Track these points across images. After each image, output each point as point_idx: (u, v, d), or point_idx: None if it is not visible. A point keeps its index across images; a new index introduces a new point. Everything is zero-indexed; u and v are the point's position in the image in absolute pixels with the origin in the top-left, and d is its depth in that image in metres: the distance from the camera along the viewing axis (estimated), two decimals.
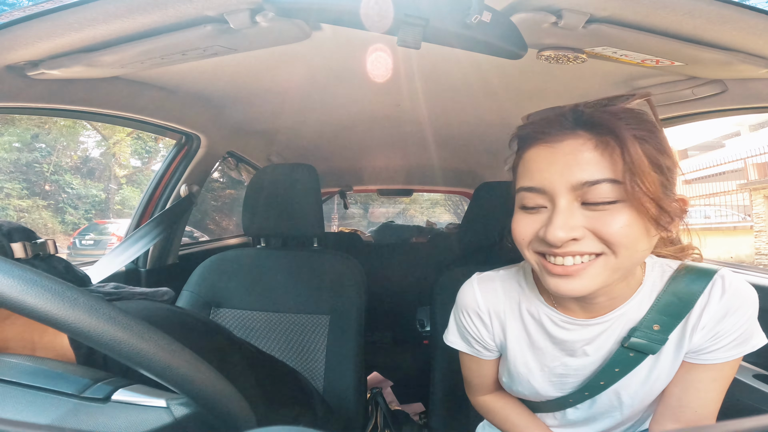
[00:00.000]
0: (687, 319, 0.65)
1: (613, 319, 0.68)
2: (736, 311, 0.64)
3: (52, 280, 0.40)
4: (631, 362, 0.68)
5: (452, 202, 8.98)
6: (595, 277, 0.59)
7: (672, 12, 0.73)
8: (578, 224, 0.57)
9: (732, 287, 0.64)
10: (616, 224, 0.56)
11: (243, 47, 0.91)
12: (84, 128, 9.12)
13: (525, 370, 0.77)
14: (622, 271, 0.60)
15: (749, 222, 8.76)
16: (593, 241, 0.58)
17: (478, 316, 0.79)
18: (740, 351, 0.65)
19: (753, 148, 9.79)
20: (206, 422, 0.46)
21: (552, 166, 0.59)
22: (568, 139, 0.58)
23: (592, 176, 0.56)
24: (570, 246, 0.58)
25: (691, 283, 0.66)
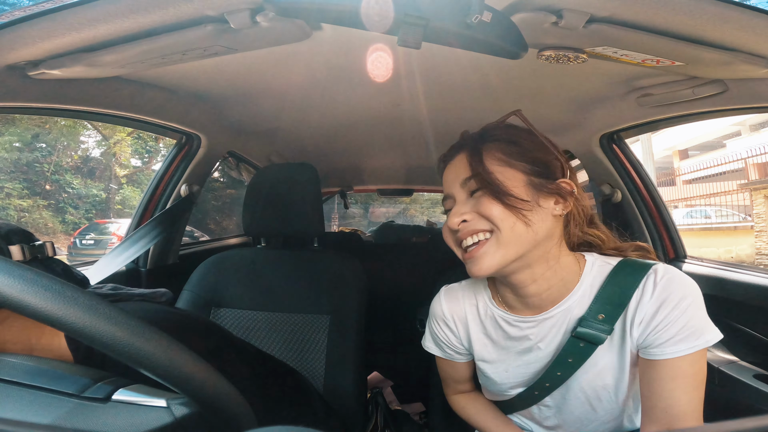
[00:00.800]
0: (625, 312, 0.72)
1: (557, 314, 0.77)
2: (669, 303, 0.69)
3: (52, 279, 0.40)
4: (583, 352, 0.75)
5: None
6: (494, 254, 0.72)
7: (672, 12, 0.73)
8: (467, 210, 0.74)
9: (664, 280, 0.70)
10: (489, 205, 0.72)
11: (243, 47, 0.91)
12: (84, 128, 9.13)
13: (491, 368, 0.87)
14: (514, 244, 0.72)
15: (749, 222, 8.77)
16: (481, 219, 0.73)
17: (445, 322, 0.91)
18: (691, 346, 0.68)
19: (753, 148, 9.79)
20: (206, 422, 0.46)
21: (449, 175, 0.80)
22: (457, 156, 0.80)
23: (466, 174, 0.76)
24: (465, 227, 0.74)
25: (628, 275, 0.73)
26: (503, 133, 0.78)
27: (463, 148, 0.79)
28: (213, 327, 0.84)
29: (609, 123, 1.50)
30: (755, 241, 8.24)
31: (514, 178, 0.73)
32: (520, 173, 0.73)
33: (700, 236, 9.31)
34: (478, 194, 0.74)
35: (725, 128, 13.49)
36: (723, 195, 9.84)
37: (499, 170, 0.73)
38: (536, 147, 0.77)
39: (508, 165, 0.74)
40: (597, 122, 1.52)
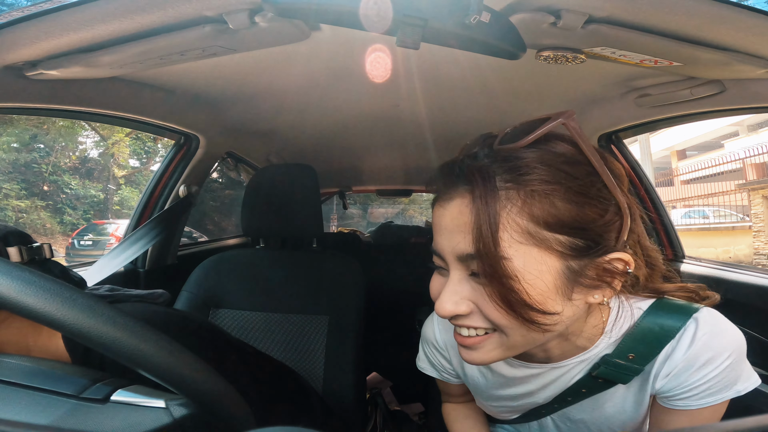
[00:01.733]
0: (660, 361, 0.59)
1: (573, 363, 0.63)
2: (704, 364, 0.56)
3: (50, 280, 0.40)
4: (600, 387, 0.64)
5: None
6: (491, 352, 0.54)
7: (671, 12, 0.73)
8: (465, 297, 0.52)
9: (706, 336, 0.56)
10: (496, 311, 0.49)
11: (242, 48, 0.90)
12: (83, 128, 9.12)
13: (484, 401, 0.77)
14: (521, 347, 0.54)
15: (747, 222, 8.78)
16: (480, 318, 0.52)
17: (437, 350, 0.79)
18: (719, 398, 0.57)
19: (751, 149, 9.81)
20: (205, 423, 0.46)
21: (442, 231, 0.52)
22: (456, 198, 0.51)
23: (467, 248, 0.49)
24: (460, 320, 0.53)
25: (665, 318, 0.58)
26: (538, 173, 0.47)
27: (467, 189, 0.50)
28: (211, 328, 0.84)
29: (607, 123, 1.50)
30: (753, 241, 8.25)
31: (543, 265, 0.48)
32: (554, 257, 0.48)
33: (699, 236, 9.32)
34: (482, 281, 0.50)
35: (723, 128, 13.52)
36: (721, 195, 9.85)
37: (522, 252, 0.47)
38: (586, 198, 0.48)
39: (536, 242, 0.47)
40: (595, 122, 1.52)
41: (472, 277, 0.51)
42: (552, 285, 0.48)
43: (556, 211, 0.47)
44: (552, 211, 0.47)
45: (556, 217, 0.47)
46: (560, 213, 0.47)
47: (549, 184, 0.47)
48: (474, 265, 0.49)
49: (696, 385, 0.57)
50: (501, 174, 0.48)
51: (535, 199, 0.47)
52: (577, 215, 0.47)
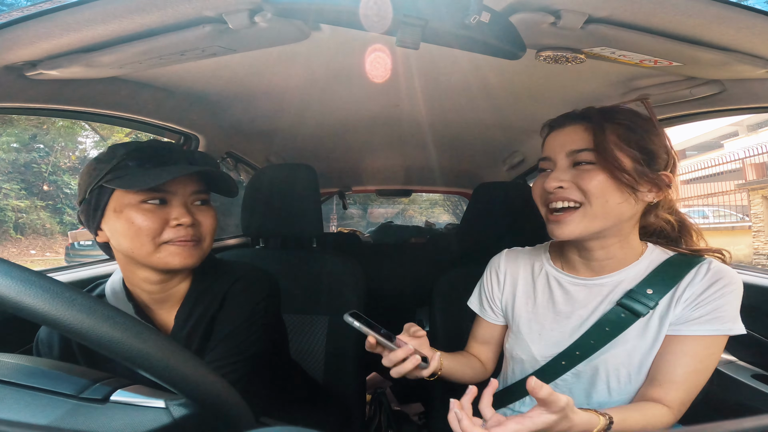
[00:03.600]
0: (674, 291, 0.79)
1: (609, 282, 0.84)
2: (714, 284, 0.76)
3: (50, 280, 0.40)
4: (622, 323, 0.80)
5: (451, 203, 8.99)
6: (578, 223, 0.78)
7: (670, 12, 0.73)
8: (566, 178, 0.79)
9: (716, 268, 0.78)
10: (591, 180, 0.77)
11: (242, 47, 0.91)
12: (82, 128, 9.11)
13: (526, 328, 0.91)
14: (600, 219, 0.78)
15: (747, 222, 8.78)
16: (576, 191, 0.78)
17: (496, 274, 0.99)
18: (713, 328, 0.75)
19: (751, 148, 9.81)
20: (205, 423, 0.46)
21: (557, 141, 0.83)
22: (569, 126, 0.83)
23: (578, 146, 0.79)
24: (559, 192, 0.80)
25: (683, 262, 0.81)
26: (625, 118, 0.80)
27: (584, 120, 0.81)
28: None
29: None
30: (753, 241, 8.25)
31: (622, 164, 0.76)
32: (629, 159, 0.77)
33: None
34: (585, 167, 0.78)
35: (723, 128, 13.52)
36: (721, 195, 9.85)
37: (611, 153, 0.77)
38: (650, 137, 0.79)
39: (620, 150, 0.77)
40: None
41: (574, 167, 0.80)
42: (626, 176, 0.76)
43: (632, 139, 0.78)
44: (630, 136, 0.78)
45: (633, 141, 0.77)
46: (635, 141, 0.78)
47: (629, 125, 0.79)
48: (583, 156, 0.78)
49: (705, 302, 0.76)
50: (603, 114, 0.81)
51: (621, 129, 0.78)
52: (644, 142, 0.78)
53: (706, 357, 0.76)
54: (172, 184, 0.77)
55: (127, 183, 0.73)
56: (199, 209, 0.81)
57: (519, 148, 2.19)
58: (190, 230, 0.78)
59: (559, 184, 0.79)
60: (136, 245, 0.74)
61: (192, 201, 0.81)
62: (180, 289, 0.84)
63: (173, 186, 0.77)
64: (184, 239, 0.77)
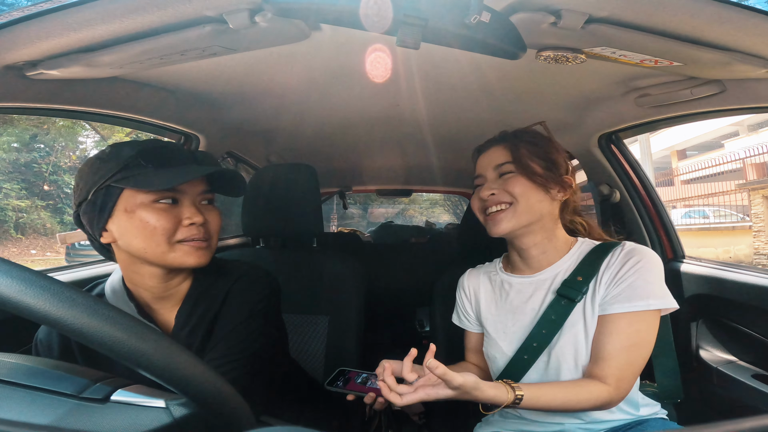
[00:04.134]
0: (597, 275, 0.91)
1: (548, 276, 0.98)
2: (627, 263, 0.89)
3: (51, 280, 0.40)
4: (564, 310, 0.92)
5: (451, 203, 9.00)
6: (510, 219, 0.95)
7: (671, 12, 0.73)
8: (496, 186, 0.97)
9: (629, 248, 0.92)
10: (515, 184, 0.95)
11: (242, 47, 0.91)
12: (83, 128, 9.10)
13: (492, 326, 1.04)
14: (526, 214, 0.94)
15: (748, 222, 8.78)
16: (505, 194, 0.96)
17: (464, 291, 1.13)
18: (631, 305, 0.85)
19: (751, 148, 9.80)
20: (205, 423, 0.46)
21: (484, 161, 1.03)
22: (493, 147, 1.03)
23: (501, 161, 0.99)
24: (492, 198, 0.97)
25: (603, 248, 0.95)
26: (531, 137, 1.01)
27: (502, 142, 1.01)
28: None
29: (607, 123, 1.50)
30: (753, 241, 8.25)
31: (534, 170, 0.96)
32: (539, 166, 0.96)
33: (699, 236, 9.31)
34: (508, 176, 0.97)
35: (723, 128, 13.51)
36: (721, 195, 9.85)
37: (525, 163, 0.96)
38: (552, 149, 1.00)
39: (531, 159, 0.97)
40: (595, 122, 1.52)
41: (501, 176, 0.98)
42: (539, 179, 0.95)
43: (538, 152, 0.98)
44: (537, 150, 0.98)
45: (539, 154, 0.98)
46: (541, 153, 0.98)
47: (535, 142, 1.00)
48: (505, 168, 0.97)
49: (619, 281, 0.88)
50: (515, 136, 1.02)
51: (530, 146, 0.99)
52: (549, 155, 0.99)
53: (633, 333, 0.85)
54: (182, 184, 0.78)
55: (143, 183, 0.74)
56: (206, 208, 0.83)
57: None
58: (202, 229, 0.80)
59: (492, 192, 0.97)
60: (151, 245, 0.75)
61: (199, 201, 0.82)
62: (181, 288, 0.85)
63: (184, 186, 0.79)
64: (197, 238, 0.79)
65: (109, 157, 0.76)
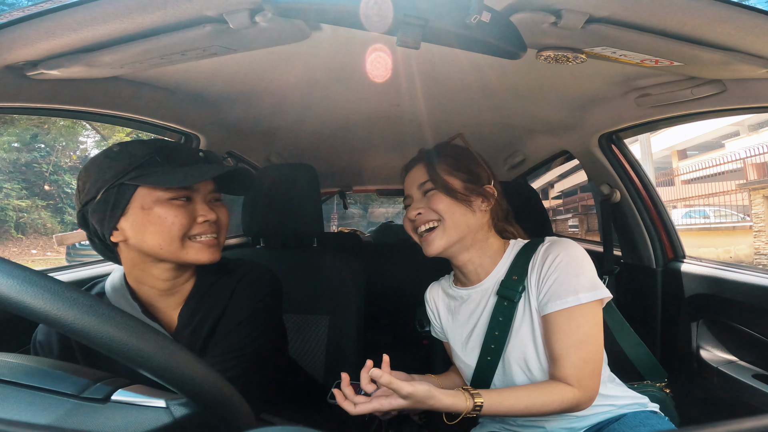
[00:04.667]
0: (528, 275, 0.93)
1: (488, 284, 1.00)
2: (546, 260, 0.90)
3: (51, 279, 0.40)
4: (507, 310, 0.94)
5: None
6: (441, 238, 0.96)
7: (671, 12, 0.73)
8: (421, 205, 0.98)
9: (547, 244, 0.94)
10: (438, 202, 0.96)
11: (242, 47, 0.91)
12: (83, 128, 9.10)
13: (454, 340, 1.06)
14: (454, 230, 0.95)
15: (748, 222, 8.77)
16: (431, 212, 0.96)
17: (428, 305, 1.17)
18: (563, 301, 0.85)
19: (752, 148, 9.80)
20: (206, 422, 0.46)
21: (409, 180, 1.04)
22: (415, 167, 1.03)
23: (422, 180, 1.00)
24: (420, 218, 0.98)
25: (529, 248, 0.97)
26: (449, 151, 1.03)
27: (421, 161, 1.02)
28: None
29: (608, 123, 1.50)
30: (754, 241, 8.25)
31: (455, 183, 0.97)
32: (459, 180, 0.98)
33: (699, 236, 9.30)
34: (430, 194, 0.98)
35: (724, 128, 13.50)
36: (722, 195, 9.84)
37: (445, 177, 0.97)
38: (471, 162, 1.02)
39: (451, 174, 0.98)
40: (596, 122, 1.52)
41: (425, 195, 0.99)
42: (461, 190, 0.96)
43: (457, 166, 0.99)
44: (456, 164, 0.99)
45: (458, 167, 0.99)
46: (460, 167, 0.99)
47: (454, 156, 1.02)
48: (426, 186, 0.98)
49: (544, 280, 0.89)
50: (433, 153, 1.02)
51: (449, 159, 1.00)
52: (468, 168, 1.00)
53: (575, 330, 0.84)
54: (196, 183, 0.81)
55: (163, 180, 0.75)
56: (215, 206, 0.85)
57: (520, 148, 2.19)
58: (214, 226, 0.82)
59: (418, 211, 0.98)
60: (166, 241, 0.77)
61: (210, 199, 0.84)
62: (186, 287, 0.86)
63: (197, 184, 0.81)
64: (210, 234, 0.81)
65: (118, 155, 0.77)
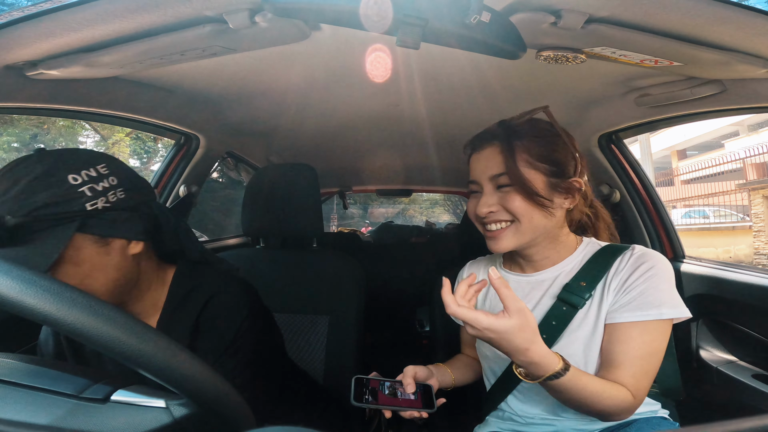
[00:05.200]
0: (605, 280, 0.84)
1: (548, 277, 0.90)
2: (638, 269, 0.81)
3: (51, 280, 0.40)
4: (565, 316, 0.84)
5: (451, 203, 8.99)
6: (511, 238, 0.86)
7: (671, 12, 0.73)
8: (494, 202, 0.85)
9: (639, 252, 0.84)
10: (514, 201, 0.83)
11: (242, 47, 0.91)
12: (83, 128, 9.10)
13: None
14: (529, 233, 0.85)
15: (748, 222, 8.77)
16: (505, 212, 0.85)
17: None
18: (643, 314, 0.77)
19: (751, 148, 9.80)
20: (205, 423, 0.46)
21: (479, 165, 0.89)
22: (486, 147, 0.88)
23: (496, 171, 0.85)
24: (491, 216, 0.86)
25: (611, 251, 0.87)
26: (532, 131, 0.86)
27: (494, 142, 0.86)
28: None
29: (607, 123, 1.50)
30: (753, 241, 8.25)
31: (537, 179, 0.83)
32: (542, 175, 0.83)
33: (699, 236, 9.31)
34: (505, 190, 0.84)
35: (723, 128, 13.51)
36: (721, 195, 9.85)
37: (526, 171, 0.83)
38: (557, 148, 0.85)
39: (532, 167, 0.83)
40: (595, 122, 1.52)
41: (498, 189, 0.85)
42: (543, 188, 0.83)
43: (541, 154, 0.84)
44: (539, 152, 0.84)
45: (542, 157, 0.84)
46: (544, 155, 0.84)
47: (536, 140, 0.84)
48: (501, 180, 0.84)
49: (629, 289, 0.80)
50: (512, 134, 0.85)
51: (530, 144, 0.84)
52: (552, 156, 0.84)
53: (646, 342, 0.78)
54: None
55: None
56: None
57: None
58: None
59: (489, 209, 0.86)
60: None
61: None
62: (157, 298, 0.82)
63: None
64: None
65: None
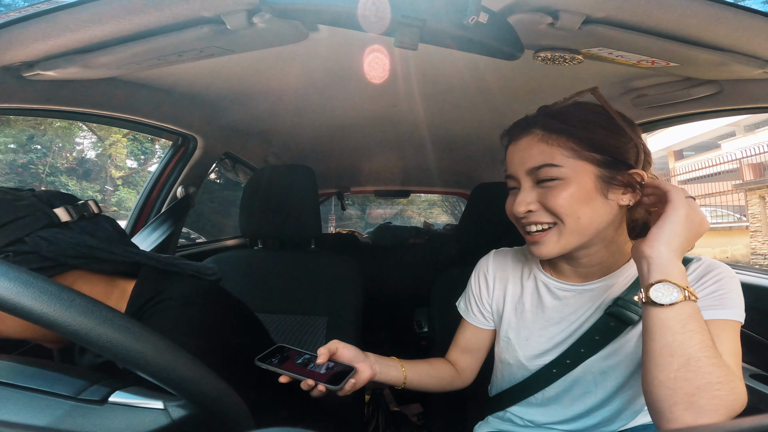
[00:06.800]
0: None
1: (598, 288, 0.79)
2: (708, 273, 0.71)
3: (48, 282, 0.39)
4: (611, 332, 0.76)
5: (449, 204, 8.99)
6: (555, 243, 0.73)
7: (668, 13, 0.73)
8: (533, 200, 0.73)
9: (709, 261, 0.73)
10: (557, 198, 0.70)
11: (240, 48, 0.90)
12: (80, 129, 9.06)
13: (514, 333, 0.87)
14: (576, 235, 0.72)
15: (745, 222, 8.80)
16: (545, 213, 0.73)
17: (485, 276, 0.94)
18: (719, 313, 0.67)
19: (748, 149, 9.84)
20: (204, 424, 0.46)
21: (516, 157, 0.76)
22: (525, 136, 0.75)
23: (536, 162, 0.72)
24: (530, 216, 0.74)
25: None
26: (578, 117, 0.73)
27: (533, 129, 0.74)
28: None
29: None
30: (750, 241, 8.28)
31: (585, 172, 0.70)
32: (592, 166, 0.70)
33: None
34: (546, 184, 0.72)
35: (720, 129, 13.56)
36: (718, 195, 9.88)
37: (571, 163, 0.70)
38: (611, 134, 0.72)
39: (579, 157, 0.70)
40: None
41: (538, 185, 0.73)
42: (592, 182, 0.70)
43: (592, 142, 0.70)
44: (589, 139, 0.70)
45: (591, 145, 0.70)
46: (596, 143, 0.70)
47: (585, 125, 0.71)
48: (542, 174, 0.72)
49: (706, 287, 0.69)
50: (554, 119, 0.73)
51: (578, 131, 0.71)
52: (606, 143, 0.71)
53: (732, 341, 0.68)
54: None
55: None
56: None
57: None
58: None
59: (527, 208, 0.74)
60: None
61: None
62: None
63: None
64: None
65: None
